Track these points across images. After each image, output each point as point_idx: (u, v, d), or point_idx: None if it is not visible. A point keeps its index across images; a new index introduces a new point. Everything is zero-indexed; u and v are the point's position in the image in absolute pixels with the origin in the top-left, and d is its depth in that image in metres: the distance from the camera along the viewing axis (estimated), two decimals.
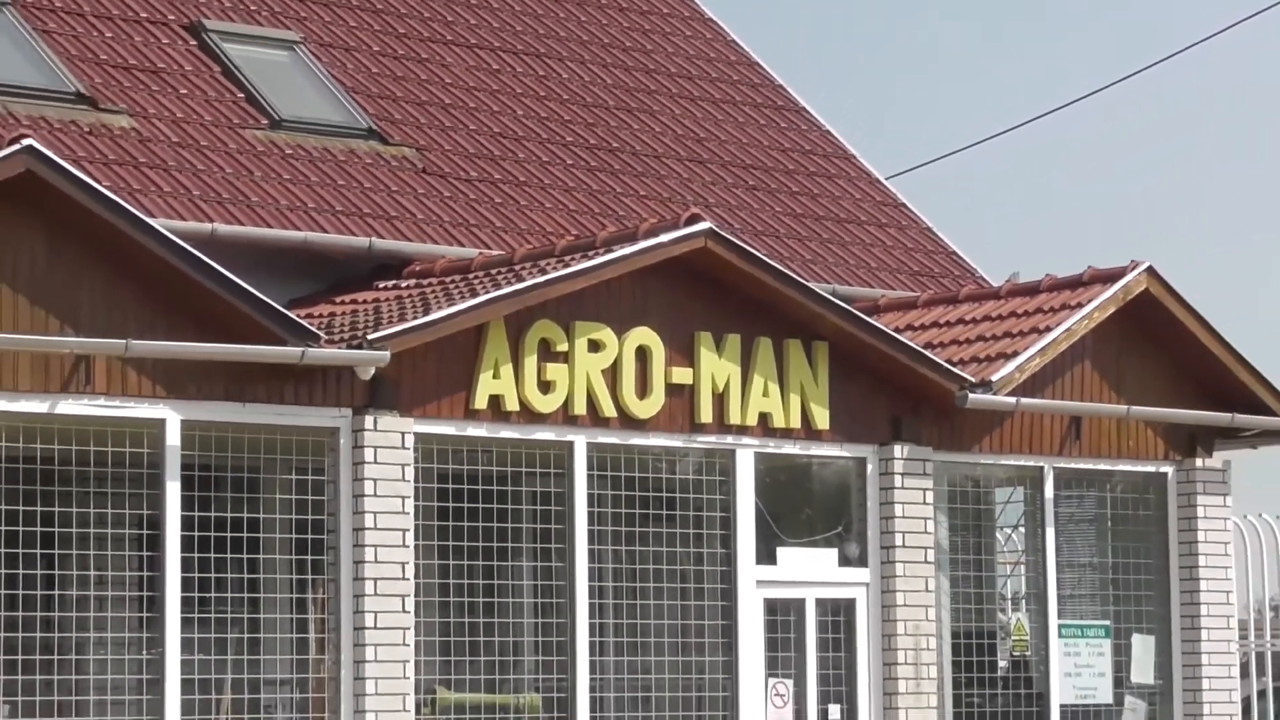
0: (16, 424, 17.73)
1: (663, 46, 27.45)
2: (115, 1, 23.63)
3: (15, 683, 17.73)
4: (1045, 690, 22.55)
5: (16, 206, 17.73)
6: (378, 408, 19.02)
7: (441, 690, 19.61)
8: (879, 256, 25.63)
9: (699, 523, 20.74)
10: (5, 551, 17.68)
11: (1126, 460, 22.97)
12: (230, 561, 18.74)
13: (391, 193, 22.85)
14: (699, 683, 20.71)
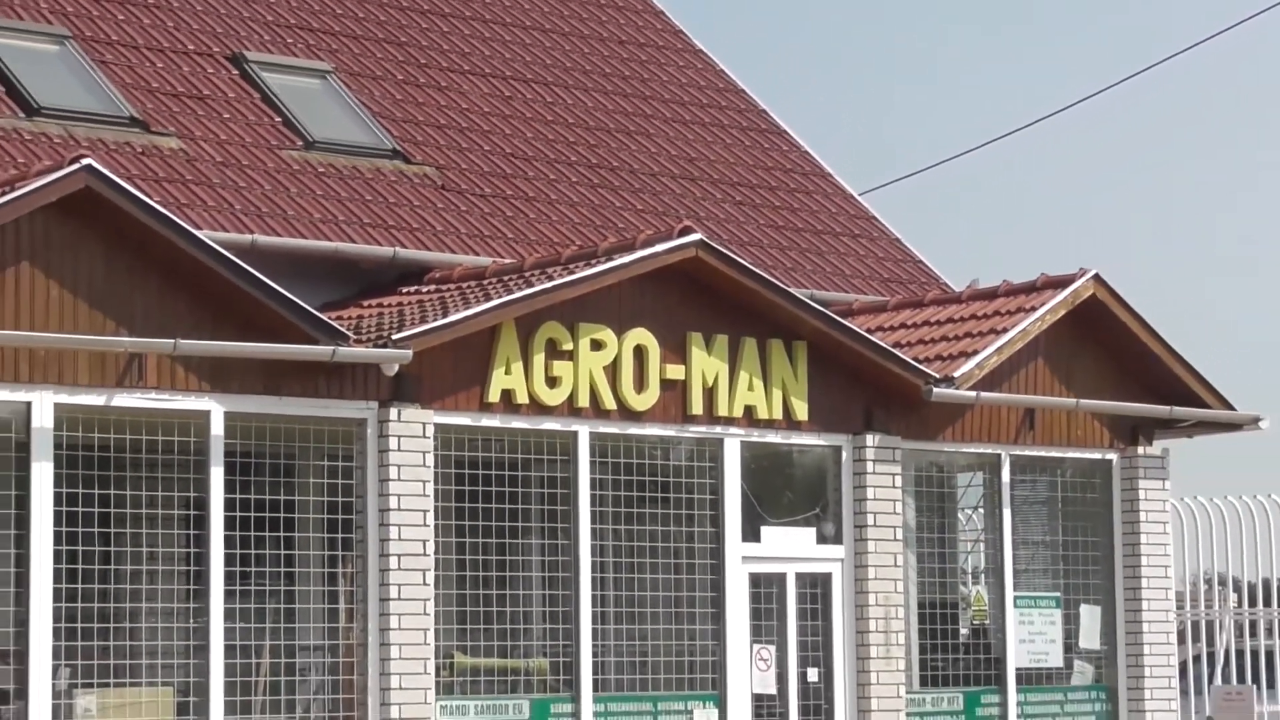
0: (77, 415, 17.76)
1: (658, 76, 27.47)
2: (165, 34, 23.65)
3: (75, 649, 17.76)
4: (1002, 655, 22.58)
5: (77, 220, 17.76)
6: (401, 401, 19.05)
7: (459, 655, 19.64)
8: (852, 265, 25.65)
9: (690, 504, 20.77)
10: (66, 530, 17.71)
11: (1075, 448, 23.00)
12: (268, 539, 18.76)
13: (414, 207, 22.87)
14: (691, 648, 20.73)
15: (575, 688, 20.00)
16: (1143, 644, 23.15)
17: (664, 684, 20.53)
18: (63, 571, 17.69)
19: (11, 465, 17.71)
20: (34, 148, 20.80)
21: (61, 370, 17.69)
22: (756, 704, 20.97)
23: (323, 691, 19.15)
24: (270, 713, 18.77)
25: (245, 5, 24.75)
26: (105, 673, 17.99)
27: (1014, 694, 22.56)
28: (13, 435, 17.66)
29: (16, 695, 17.54)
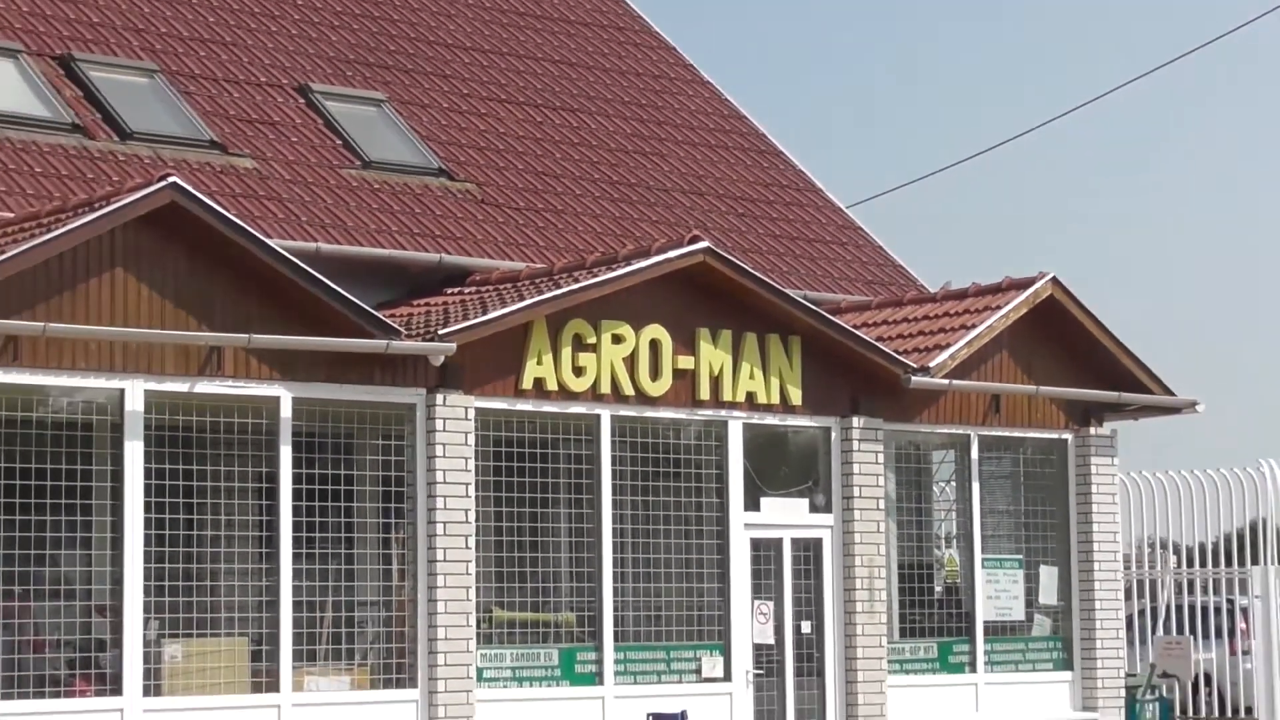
0: (164, 400, 17.79)
1: (670, 104, 27.45)
2: (240, 68, 23.67)
3: (163, 604, 17.80)
4: (972, 609, 22.57)
5: (163, 230, 17.79)
6: (446, 388, 19.07)
7: (496, 609, 19.64)
8: (840, 269, 25.63)
9: (698, 478, 20.78)
10: (154, 501, 17.75)
11: (1035, 429, 22.98)
12: (330, 509, 18.79)
13: (457, 219, 22.87)
14: (699, 604, 20.73)
15: (598, 638, 20.02)
16: (1094, 600, 23.15)
17: (676, 635, 20.54)
18: (151, 537, 17.73)
19: (107, 444, 17.77)
20: (127, 167, 20.83)
21: (150, 361, 17.72)
22: (756, 653, 20.98)
23: (378, 641, 19.17)
24: (332, 660, 18.81)
25: (310, 43, 24.76)
26: (188, 625, 18.03)
27: (981, 643, 22.54)
28: (108, 418, 17.73)
29: (113, 644, 17.62)
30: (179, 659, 17.96)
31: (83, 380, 17.56)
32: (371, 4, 26.20)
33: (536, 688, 19.67)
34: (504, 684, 19.48)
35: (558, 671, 19.84)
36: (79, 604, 17.77)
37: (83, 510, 17.66)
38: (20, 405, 17.36)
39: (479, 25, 26.83)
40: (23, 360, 17.18)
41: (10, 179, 20.26)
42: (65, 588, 17.73)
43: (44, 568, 17.50)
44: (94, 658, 17.71)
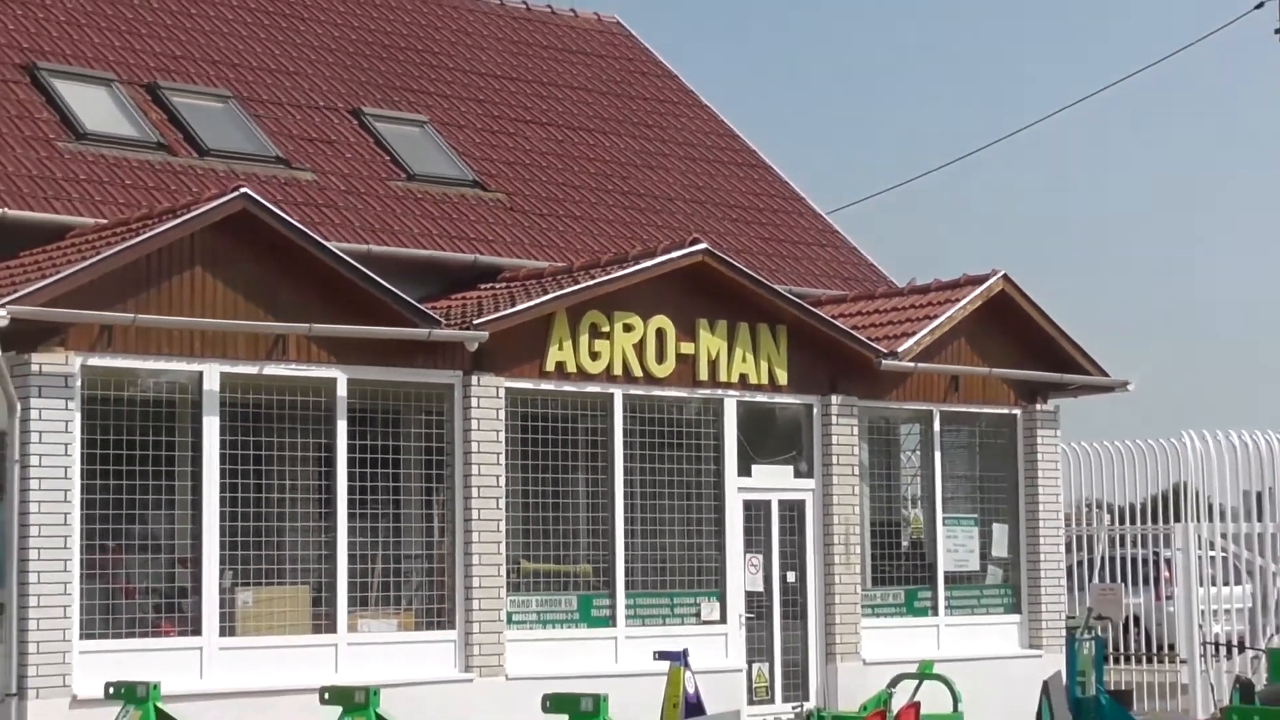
0: (236, 381, 17.80)
1: (673, 124, 27.40)
2: (302, 94, 23.62)
3: (236, 556, 17.81)
4: (934, 561, 22.54)
5: (236, 234, 17.79)
6: (480, 370, 19.05)
7: (524, 561, 19.61)
8: (820, 267, 25.58)
9: (698, 448, 20.73)
10: (228, 468, 17.76)
11: (989, 405, 22.93)
12: (379, 474, 18.79)
13: (489, 224, 22.82)
14: (699, 557, 20.70)
15: (611, 586, 19.99)
16: (1039, 553, 23.12)
17: (678, 583, 20.51)
18: (225, 499, 17.76)
19: (188, 419, 17.78)
20: (204, 180, 20.81)
21: (225, 347, 17.73)
22: (748, 599, 20.95)
23: (421, 589, 19.16)
24: (382, 605, 18.82)
25: (363, 71, 24.72)
26: (258, 575, 18.05)
27: (942, 590, 22.52)
28: (189, 396, 17.75)
29: (193, 591, 17.65)
30: (250, 604, 17.99)
31: (167, 364, 17.57)
32: (416, 38, 26.16)
33: (558, 629, 19.66)
34: (530, 626, 19.47)
35: (576, 615, 19.82)
36: (164, 556, 17.78)
37: (167, 476, 17.68)
38: (114, 385, 17.38)
39: (508, 56, 26.78)
40: (116, 347, 17.21)
41: (105, 190, 20.29)
42: (152, 543, 17.72)
43: (134, 525, 17.50)
44: (177, 603, 17.74)
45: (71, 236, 19.20)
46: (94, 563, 17.16)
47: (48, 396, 16.88)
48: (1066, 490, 24.62)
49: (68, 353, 16.97)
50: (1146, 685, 25.55)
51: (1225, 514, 25.22)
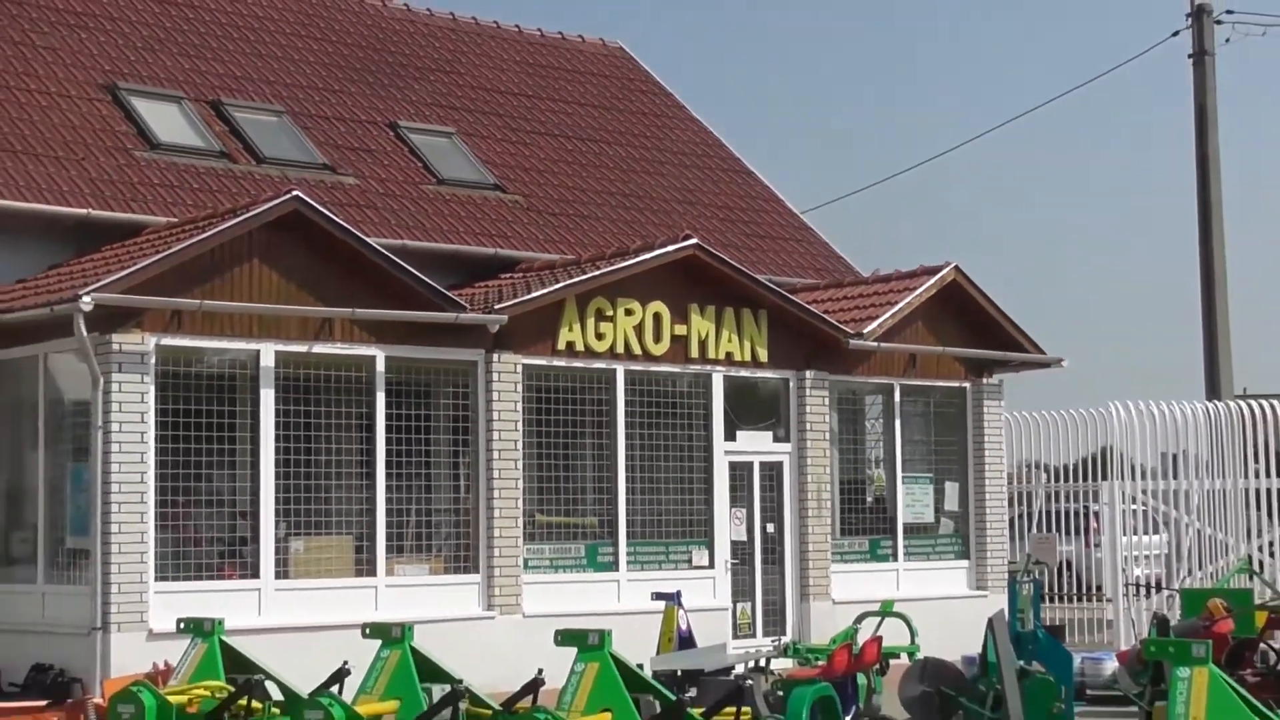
0: (289, 358, 17.82)
1: (668, 135, 27.38)
2: (345, 109, 23.60)
3: (289, 510, 17.83)
4: (894, 514, 22.55)
5: (289, 231, 17.81)
6: (500, 349, 19.04)
7: (538, 514, 19.62)
8: (796, 259, 25.57)
9: (690, 416, 20.71)
10: (282, 433, 17.77)
11: (942, 380, 22.93)
12: (413, 439, 18.78)
13: (508, 222, 22.82)
14: (691, 511, 20.70)
15: (614, 536, 20.00)
16: (985, 507, 23.14)
17: (672, 534, 20.51)
18: (279, 460, 17.77)
19: (247, 391, 17.79)
20: (261, 184, 20.80)
21: (279, 328, 17.74)
22: (733, 547, 20.96)
23: (450, 539, 19.16)
24: (414, 552, 18.84)
25: (399, 90, 24.68)
26: (308, 526, 18.07)
27: (901, 539, 22.53)
28: (248, 371, 17.76)
29: (252, 540, 17.66)
30: (301, 551, 18.01)
31: (228, 343, 17.59)
32: (445, 60, 26.11)
33: (568, 573, 19.66)
34: (544, 570, 19.48)
35: (584, 561, 19.82)
36: (227, 510, 17.82)
37: (229, 440, 17.70)
38: (182, 361, 17.41)
39: (524, 77, 26.75)
40: (184, 328, 17.24)
41: (175, 193, 20.30)
42: (216, 498, 17.76)
43: (201, 483, 17.54)
44: (238, 550, 17.77)
45: (146, 233, 19.21)
46: (166, 515, 17.19)
47: (126, 371, 16.90)
48: (1008, 453, 24.64)
49: (143, 334, 16.99)
50: (1077, 621, 25.60)
51: (1145, 473, 25.26)
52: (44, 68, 21.41)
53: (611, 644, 11.08)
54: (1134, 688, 16.54)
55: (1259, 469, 24.94)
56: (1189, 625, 16.36)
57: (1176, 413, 25.10)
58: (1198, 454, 25.11)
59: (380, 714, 11.10)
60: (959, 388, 23.14)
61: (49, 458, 18.02)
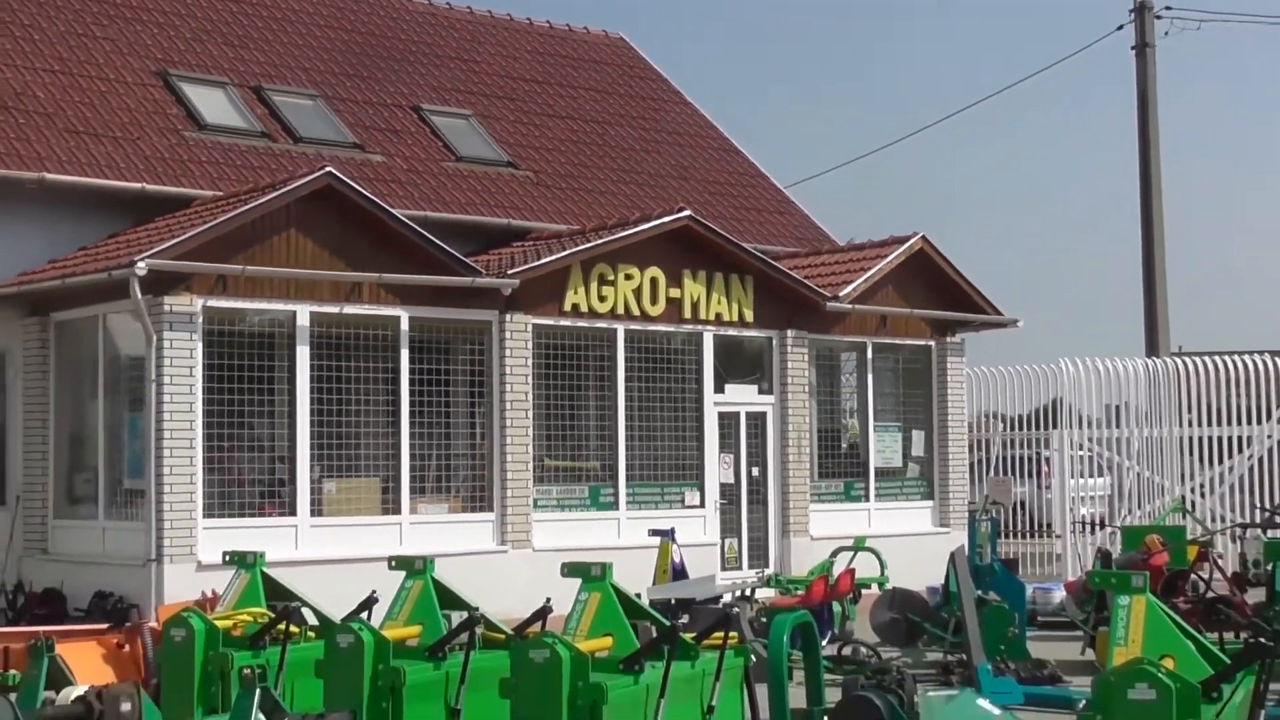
0: (322, 318, 17.80)
1: (664, 118, 27.29)
2: (373, 93, 23.53)
3: (322, 454, 17.81)
4: (866, 459, 22.56)
5: (322, 203, 17.78)
6: (512, 310, 19.02)
7: (546, 459, 19.64)
8: (780, 230, 25.53)
9: (683, 370, 20.70)
10: (316, 386, 17.77)
11: (910, 338, 22.92)
12: (434, 391, 18.78)
13: (520, 196, 22.77)
14: (683, 456, 20.69)
15: (615, 478, 20.02)
16: (948, 453, 23.16)
17: (667, 476, 20.53)
18: (314, 410, 17.79)
19: (284, 347, 17.77)
20: (298, 161, 20.76)
21: (313, 291, 17.73)
22: (722, 489, 20.98)
23: (467, 481, 19.18)
24: (435, 494, 18.85)
25: (421, 76, 24.61)
26: (340, 469, 18.09)
27: (873, 481, 22.54)
28: (285, 330, 17.74)
29: (289, 481, 17.68)
30: (333, 492, 18.02)
31: (268, 304, 17.57)
32: (463, 49, 26.02)
33: (573, 512, 19.69)
34: (551, 509, 19.50)
35: (588, 501, 19.85)
36: (267, 454, 17.81)
37: (268, 392, 17.69)
38: (227, 321, 17.40)
39: (535, 65, 26.66)
40: (229, 291, 17.22)
41: (220, 169, 20.26)
42: (258, 444, 17.75)
43: (243, 430, 17.55)
44: (277, 491, 17.78)
45: (195, 205, 19.18)
46: (213, 459, 17.21)
47: (176, 330, 16.89)
48: (969, 404, 24.66)
49: (192, 296, 16.98)
50: (1030, 555, 25.66)
51: (1091, 422, 25.29)
52: (103, 56, 21.37)
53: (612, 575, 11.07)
54: (1080, 615, 16.61)
55: (1192, 419, 24.96)
56: (1129, 558, 16.39)
57: (1119, 368, 25.12)
58: (1138, 405, 25.13)
59: (404, 638, 11.10)
60: (925, 345, 23.13)
61: (108, 408, 18.05)
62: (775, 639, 9.12)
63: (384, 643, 10.62)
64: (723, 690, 10.67)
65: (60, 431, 18.70)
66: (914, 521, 22.78)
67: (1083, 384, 24.99)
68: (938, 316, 22.95)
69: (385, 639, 10.67)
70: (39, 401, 18.68)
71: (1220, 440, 24.72)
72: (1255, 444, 24.57)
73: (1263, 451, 24.55)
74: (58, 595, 17.57)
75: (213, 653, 11.28)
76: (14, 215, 18.69)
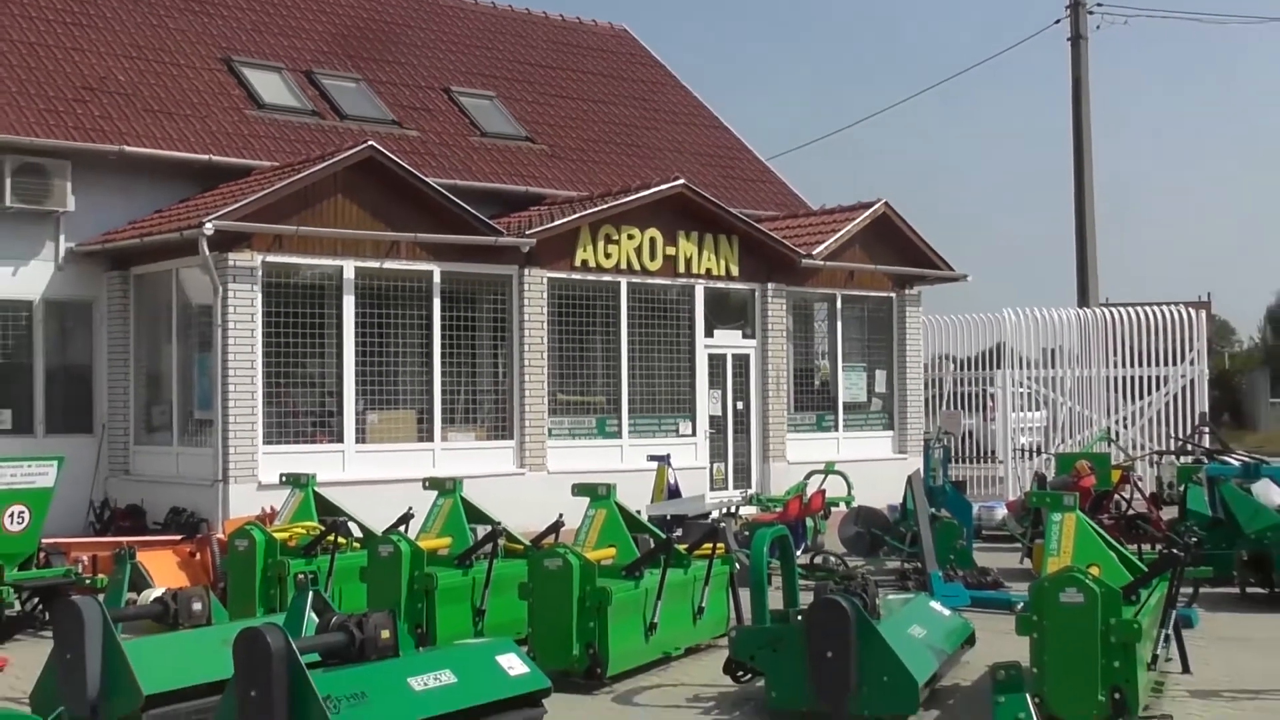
0: (366, 273, 17.73)
1: (661, 99, 27.15)
2: (409, 77, 23.40)
3: (366, 390, 17.80)
4: (836, 394, 22.56)
5: (365, 173, 17.67)
6: (530, 265, 18.96)
7: (559, 394, 19.63)
8: (761, 196, 25.42)
9: (678, 319, 20.66)
10: (360, 331, 17.72)
11: (874, 291, 22.86)
12: (462, 336, 18.77)
13: (537, 166, 22.65)
14: (678, 391, 20.68)
15: (618, 411, 20.01)
16: (906, 389, 23.16)
17: (664, 409, 20.52)
18: (358, 351, 17.75)
19: (333, 298, 17.71)
20: (344, 136, 20.64)
21: (357, 249, 17.66)
22: (711, 420, 20.97)
23: (490, 413, 19.18)
24: (463, 424, 18.85)
25: (451, 62, 24.46)
26: (381, 402, 18.06)
27: (841, 414, 22.55)
28: (334, 282, 17.66)
29: (337, 413, 17.64)
30: (375, 422, 18.02)
31: (318, 260, 17.50)
32: (487, 39, 25.85)
33: (582, 440, 19.68)
34: (563, 438, 19.50)
35: (595, 431, 19.84)
36: (318, 390, 17.79)
37: (319, 336, 17.65)
38: (283, 274, 17.34)
39: (549, 53, 26.49)
40: (284, 248, 17.16)
41: (276, 143, 20.15)
42: (310, 380, 17.72)
43: (297, 369, 17.50)
44: (327, 421, 17.76)
45: (254, 174, 19.09)
46: (271, 394, 17.19)
47: (239, 282, 16.85)
48: (925, 348, 24.63)
49: (253, 253, 16.92)
50: (976, 478, 25.67)
51: (1029, 363, 25.26)
52: (175, 45, 21.25)
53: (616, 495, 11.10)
54: (1019, 529, 16.64)
55: (1117, 361, 24.96)
56: (1061, 481, 16.40)
57: (1054, 317, 25.08)
58: (1070, 349, 25.11)
59: (436, 548, 11.14)
60: (886, 297, 23.07)
61: (180, 349, 18.03)
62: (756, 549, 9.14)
63: (419, 552, 10.65)
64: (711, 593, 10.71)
65: (139, 370, 18.71)
66: (876, 449, 22.80)
67: (1023, 330, 24.95)
68: (898, 272, 22.89)
69: (420, 549, 10.70)
70: (121, 344, 18.68)
71: (1141, 380, 24.73)
72: (1171, 383, 24.60)
73: (1177, 389, 24.57)
74: (138, 511, 17.61)
75: (271, 560, 11.32)
76: (98, 183, 18.62)
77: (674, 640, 10.40)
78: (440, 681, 7.59)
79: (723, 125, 27.42)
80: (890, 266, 22.73)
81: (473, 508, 11.77)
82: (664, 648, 10.28)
